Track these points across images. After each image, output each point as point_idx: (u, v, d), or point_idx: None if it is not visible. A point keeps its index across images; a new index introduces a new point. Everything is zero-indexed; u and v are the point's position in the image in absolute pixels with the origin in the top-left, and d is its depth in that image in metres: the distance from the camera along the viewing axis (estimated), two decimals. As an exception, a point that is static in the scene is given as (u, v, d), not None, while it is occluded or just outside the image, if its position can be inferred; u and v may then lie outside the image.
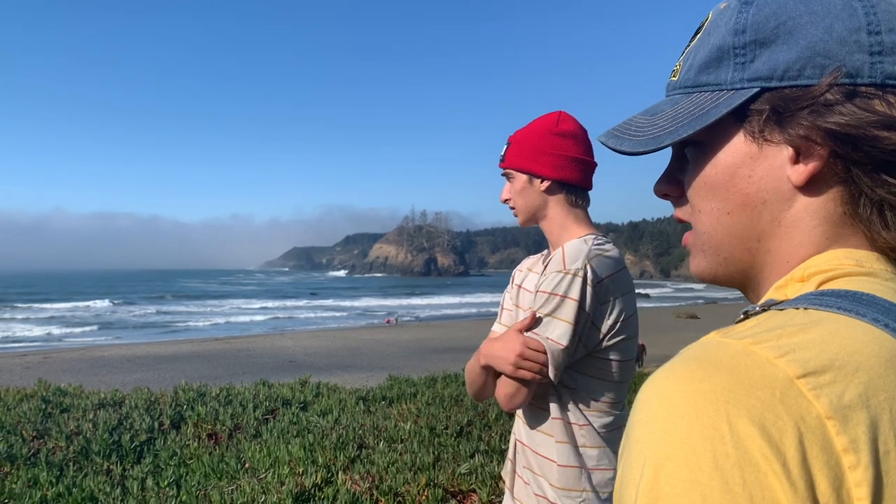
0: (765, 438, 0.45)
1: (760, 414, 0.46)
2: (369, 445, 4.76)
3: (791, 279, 0.61)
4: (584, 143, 1.89)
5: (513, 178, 1.92)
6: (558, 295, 1.70)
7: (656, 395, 0.50)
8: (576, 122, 1.89)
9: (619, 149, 0.69)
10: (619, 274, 1.77)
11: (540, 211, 1.90)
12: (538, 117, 1.93)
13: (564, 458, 1.74)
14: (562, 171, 1.85)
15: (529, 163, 1.87)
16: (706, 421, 0.46)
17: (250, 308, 54.91)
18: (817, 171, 0.60)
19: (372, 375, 13.23)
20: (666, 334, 20.93)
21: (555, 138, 1.86)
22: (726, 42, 0.63)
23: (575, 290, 1.69)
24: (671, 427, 0.47)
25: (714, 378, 0.48)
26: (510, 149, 1.92)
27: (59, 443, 4.85)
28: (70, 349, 22.21)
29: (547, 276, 1.75)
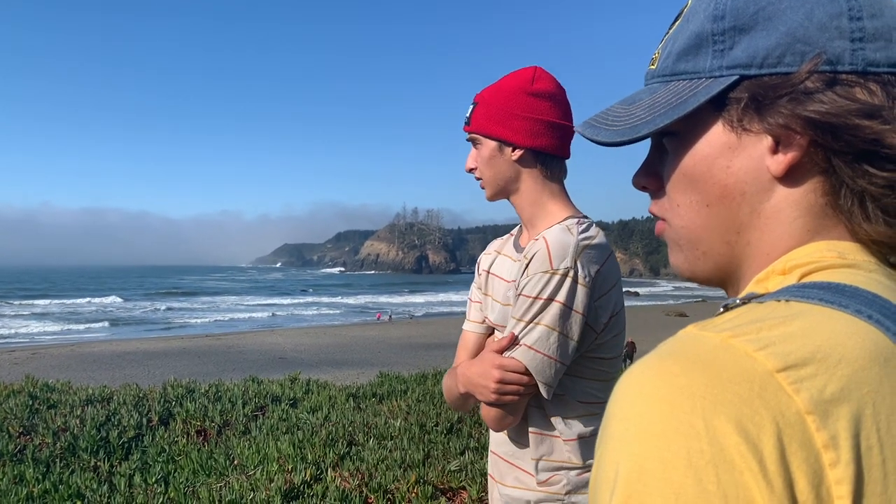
0: (741, 435, 0.44)
1: (737, 409, 0.44)
2: (359, 442, 4.74)
3: (772, 272, 0.59)
4: (563, 106, 1.64)
5: (480, 144, 1.66)
6: (543, 299, 1.50)
7: (632, 391, 0.48)
8: (553, 79, 1.64)
9: (596, 139, 0.67)
10: (608, 264, 1.58)
11: (511, 184, 1.66)
12: (510, 73, 1.67)
13: (544, 474, 1.59)
14: (537, 139, 1.60)
15: (499, 127, 1.61)
16: (681, 417, 0.45)
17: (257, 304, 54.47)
18: (797, 160, 0.58)
19: (363, 372, 13.22)
20: (655, 332, 21.00)
21: (529, 99, 1.60)
22: (705, 29, 0.61)
23: (563, 292, 1.50)
24: (646, 424, 0.46)
25: (690, 373, 0.47)
26: (477, 110, 1.65)
27: (45, 439, 4.81)
28: (60, 345, 22.09)
29: (530, 278, 1.53)
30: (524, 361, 1.51)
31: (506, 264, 1.74)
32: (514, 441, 1.65)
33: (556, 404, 1.57)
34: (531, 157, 1.63)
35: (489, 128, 1.62)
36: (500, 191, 1.68)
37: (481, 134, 1.64)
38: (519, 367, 1.51)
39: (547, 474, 1.58)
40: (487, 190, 1.69)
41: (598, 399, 1.60)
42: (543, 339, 1.50)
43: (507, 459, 1.66)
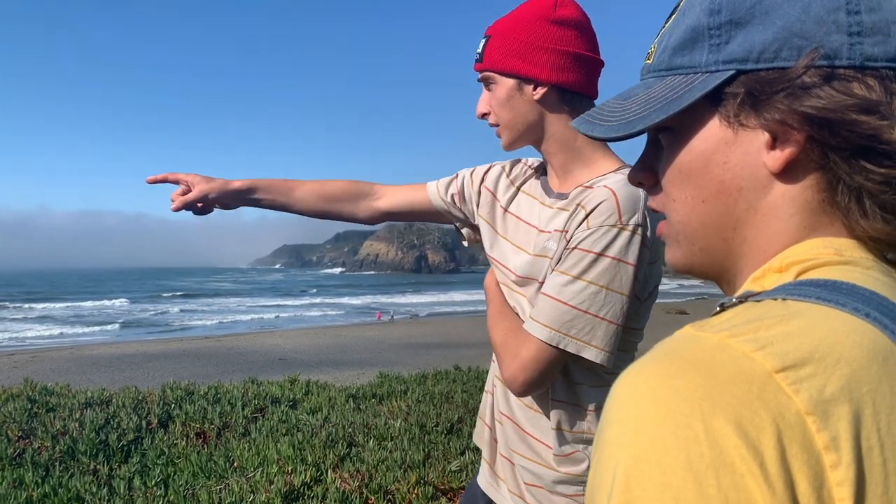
0: (741, 437, 0.43)
1: (737, 411, 0.43)
2: (359, 443, 4.74)
3: (768, 269, 0.59)
4: (590, 36, 1.44)
5: (494, 83, 1.45)
6: (610, 257, 1.33)
7: (628, 394, 0.47)
8: (579, 6, 1.44)
9: (591, 134, 0.66)
10: None
11: (534, 128, 1.45)
12: (526, 1, 1.46)
13: (564, 447, 1.47)
14: (563, 73, 1.40)
15: (518, 61, 1.40)
16: (679, 420, 0.44)
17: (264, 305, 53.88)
18: (794, 157, 0.58)
19: (363, 373, 13.21)
20: (656, 330, 20.96)
21: (552, 28, 1.40)
22: (701, 22, 0.61)
23: (633, 252, 1.33)
24: (643, 427, 0.45)
25: (687, 374, 0.46)
26: (490, 43, 1.44)
27: (44, 443, 4.79)
28: (59, 348, 22.07)
29: (593, 230, 1.34)
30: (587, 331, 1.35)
31: (534, 208, 1.54)
32: (531, 407, 1.50)
33: (584, 372, 1.45)
34: (556, 96, 1.43)
35: (506, 63, 1.41)
36: (521, 136, 1.48)
37: (496, 71, 1.44)
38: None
39: (569, 448, 1.46)
40: (505, 136, 1.48)
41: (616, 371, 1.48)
42: (610, 303, 1.35)
43: (522, 426, 1.52)
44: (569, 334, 1.36)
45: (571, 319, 1.35)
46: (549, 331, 1.37)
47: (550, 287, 1.39)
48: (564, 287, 1.36)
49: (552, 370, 1.40)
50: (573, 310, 1.35)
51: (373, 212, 1.81)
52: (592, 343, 1.36)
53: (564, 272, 1.37)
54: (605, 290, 1.34)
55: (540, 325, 1.38)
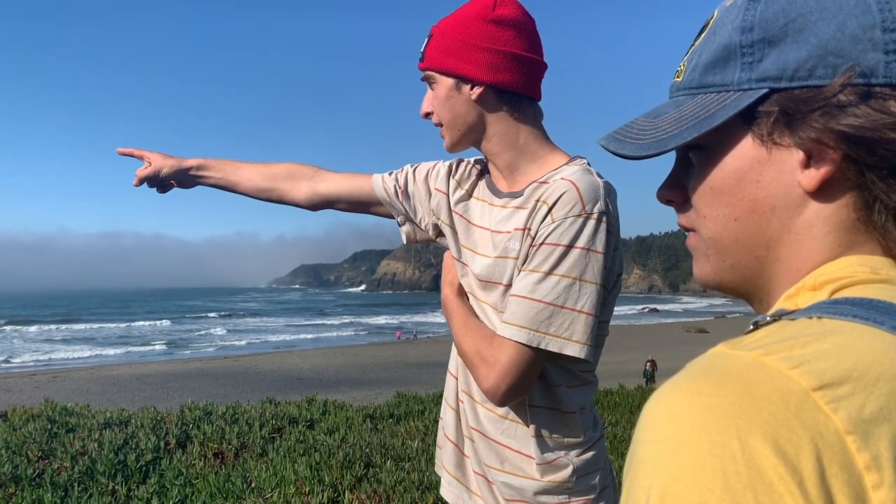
0: (779, 456, 0.42)
1: (774, 429, 0.42)
2: (376, 464, 4.71)
3: (802, 287, 0.58)
4: (530, 37, 1.42)
5: (435, 82, 1.45)
6: (580, 248, 1.31)
7: (661, 413, 0.46)
8: (520, 6, 1.43)
9: (621, 153, 0.65)
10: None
11: (474, 129, 1.44)
12: (470, 1, 1.45)
13: (547, 454, 1.41)
14: (498, 73, 1.39)
15: (455, 60, 1.40)
16: (715, 438, 0.43)
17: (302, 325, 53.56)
18: (830, 175, 0.57)
19: (380, 392, 13.19)
20: (676, 349, 20.82)
21: (489, 27, 1.39)
22: (733, 40, 0.61)
23: (601, 240, 1.31)
24: (678, 446, 0.44)
25: (722, 392, 0.45)
26: (431, 42, 1.44)
27: (64, 463, 4.81)
28: (80, 368, 22.24)
29: (558, 223, 1.32)
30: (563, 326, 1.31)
31: (484, 210, 1.51)
32: (505, 417, 1.45)
33: (561, 373, 1.41)
34: (494, 96, 1.41)
35: (444, 61, 1.41)
36: (462, 137, 1.46)
37: (436, 70, 1.43)
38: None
39: (551, 454, 1.41)
40: (447, 137, 1.47)
41: (590, 368, 1.45)
42: (585, 295, 1.31)
43: (495, 440, 1.46)
44: (548, 333, 1.31)
45: (549, 317, 1.31)
46: (526, 332, 1.32)
47: (521, 287, 1.35)
48: (537, 285, 1.32)
49: (534, 373, 1.36)
50: (549, 306, 1.31)
51: (312, 194, 1.77)
52: (573, 338, 1.31)
53: (534, 269, 1.33)
54: (578, 282, 1.31)
55: (516, 328, 1.33)
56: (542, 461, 1.42)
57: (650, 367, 15.45)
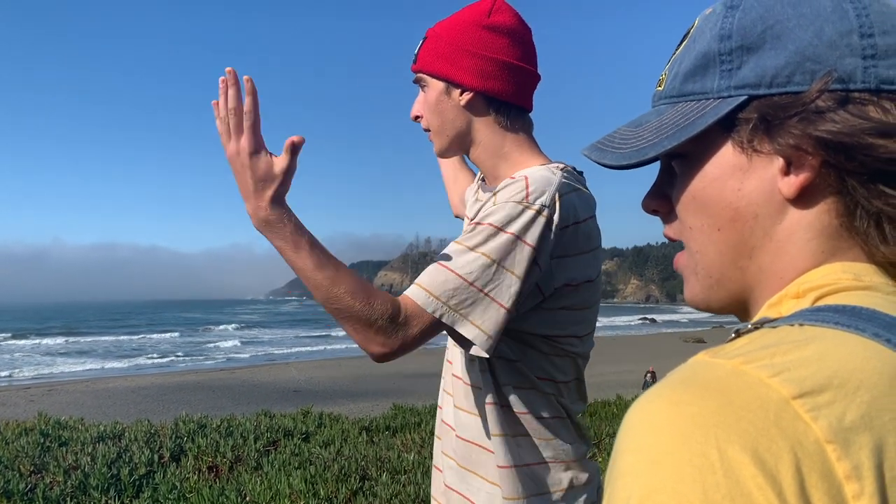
0: (758, 466, 0.41)
1: (753, 439, 0.42)
2: (372, 477, 4.68)
3: (785, 296, 0.57)
4: (524, 47, 1.41)
5: (426, 85, 1.43)
6: (508, 233, 1.24)
7: (641, 422, 0.46)
8: (516, 14, 1.41)
9: (602, 162, 0.65)
10: (591, 221, 1.36)
11: (462, 135, 1.42)
12: (468, 5, 1.44)
13: (504, 455, 1.36)
14: (488, 80, 1.37)
15: (446, 65, 1.38)
16: (694, 448, 0.42)
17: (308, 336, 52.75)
18: (809, 182, 0.57)
19: (377, 404, 13.13)
20: (674, 359, 20.77)
21: (483, 33, 1.37)
22: (712, 48, 0.61)
23: (534, 232, 1.25)
24: (658, 456, 0.43)
25: (702, 401, 0.44)
26: (425, 45, 1.43)
27: (56, 477, 4.77)
28: (76, 381, 22.15)
29: (497, 206, 1.28)
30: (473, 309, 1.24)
31: (475, 208, 1.48)
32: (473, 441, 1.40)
33: (507, 372, 1.36)
34: (482, 103, 1.39)
35: (435, 65, 1.40)
36: (451, 143, 1.44)
37: (427, 73, 1.42)
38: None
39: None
40: (436, 142, 1.45)
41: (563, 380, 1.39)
42: (504, 283, 1.24)
43: (463, 465, 1.43)
44: (448, 303, 1.24)
45: (454, 288, 1.25)
46: (427, 295, 1.25)
47: (442, 255, 1.30)
48: (456, 256, 1.27)
49: (419, 340, 1.26)
50: (458, 279, 1.25)
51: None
52: (470, 318, 1.24)
53: (460, 242, 1.29)
54: (496, 265, 1.24)
55: (419, 288, 1.26)
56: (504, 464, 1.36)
57: (650, 379, 15.32)
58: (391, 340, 1.24)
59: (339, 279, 1.25)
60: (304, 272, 1.26)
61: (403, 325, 1.24)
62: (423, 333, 1.26)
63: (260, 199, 1.25)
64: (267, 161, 1.24)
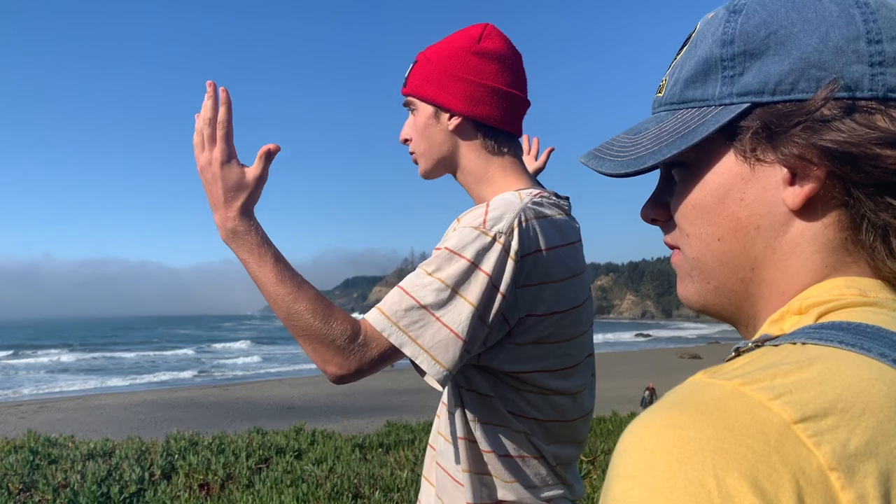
0: (757, 495, 0.39)
1: (752, 465, 0.40)
2: (364, 495, 4.63)
3: (787, 311, 0.55)
4: (514, 72, 1.42)
5: (415, 109, 1.44)
6: (466, 259, 1.22)
7: (635, 446, 0.44)
8: (506, 40, 1.42)
9: (600, 170, 0.64)
10: (565, 249, 1.31)
11: (449, 159, 1.43)
12: (458, 31, 1.46)
13: (472, 493, 1.32)
14: (477, 106, 1.37)
15: (435, 89, 1.39)
16: (690, 475, 0.40)
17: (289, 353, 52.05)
18: (814, 193, 0.54)
19: (371, 421, 13.06)
20: (670, 376, 20.78)
21: (473, 59, 1.38)
22: (713, 54, 0.59)
23: (490, 261, 1.22)
24: (651, 482, 0.41)
25: (699, 425, 0.42)
26: (415, 69, 1.44)
27: (45, 496, 4.71)
28: (68, 398, 21.98)
29: (457, 230, 1.28)
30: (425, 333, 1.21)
31: None
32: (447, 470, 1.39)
33: (477, 406, 1.33)
34: (470, 128, 1.40)
35: (424, 90, 1.41)
36: (437, 165, 1.44)
37: (417, 97, 1.43)
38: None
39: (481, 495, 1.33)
40: (421, 164, 1.45)
41: (542, 431, 1.34)
42: (456, 310, 1.21)
43: (439, 494, 1.41)
44: (398, 324, 1.22)
45: (406, 309, 1.22)
46: (383, 317, 1.23)
47: (403, 280, 1.28)
48: (413, 279, 1.26)
49: (377, 363, 1.25)
50: (411, 300, 1.23)
51: None
52: (419, 341, 1.21)
53: (421, 267, 1.27)
54: (450, 291, 1.22)
55: (377, 311, 1.25)
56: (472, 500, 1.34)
57: (649, 395, 15.13)
58: (348, 362, 1.22)
59: (301, 296, 1.24)
60: (266, 286, 1.26)
61: (362, 347, 1.22)
62: (382, 357, 1.24)
63: (229, 208, 1.27)
64: (238, 171, 1.26)
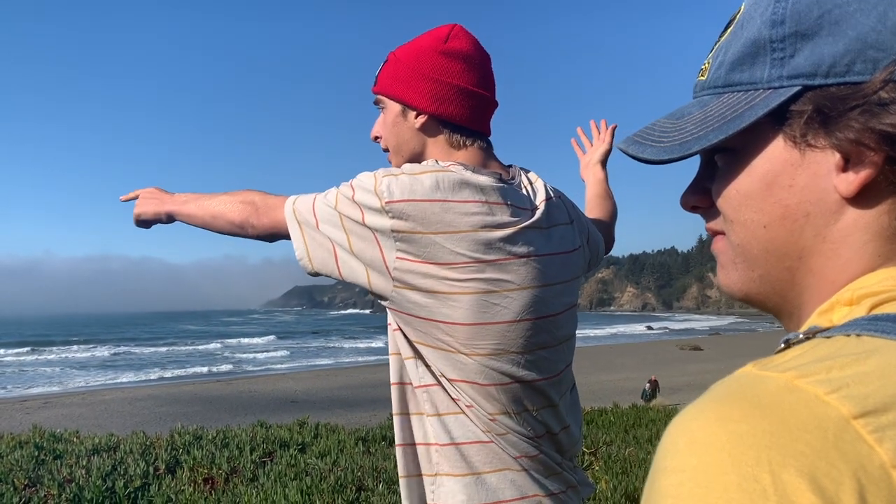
0: (817, 493, 0.37)
1: (811, 462, 0.38)
2: (368, 488, 4.66)
3: (837, 302, 0.53)
4: (480, 72, 1.45)
5: (384, 107, 1.49)
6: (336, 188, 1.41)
7: (684, 440, 0.42)
8: (473, 41, 1.45)
9: (642, 156, 0.61)
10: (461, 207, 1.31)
11: (416, 154, 1.46)
12: (428, 31, 1.50)
13: (404, 464, 1.41)
14: (443, 105, 1.41)
15: (403, 88, 1.43)
16: (745, 471, 0.39)
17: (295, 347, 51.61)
18: (870, 179, 0.52)
19: (375, 414, 13.09)
20: (671, 366, 20.77)
21: (439, 58, 1.42)
22: (762, 35, 0.56)
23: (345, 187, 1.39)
24: (703, 478, 0.40)
25: (752, 419, 0.41)
26: (385, 67, 1.49)
27: (51, 490, 4.74)
28: (72, 394, 22.03)
29: None
30: None
31: None
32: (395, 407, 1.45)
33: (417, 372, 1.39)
34: (436, 126, 1.43)
35: (392, 88, 1.45)
36: (406, 161, 1.48)
37: (385, 95, 1.47)
38: None
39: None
40: (393, 161, 1.50)
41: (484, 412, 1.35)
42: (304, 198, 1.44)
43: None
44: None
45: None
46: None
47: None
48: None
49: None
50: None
51: None
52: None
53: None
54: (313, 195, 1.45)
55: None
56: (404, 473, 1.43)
57: (650, 388, 15.08)
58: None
59: (218, 217, 1.58)
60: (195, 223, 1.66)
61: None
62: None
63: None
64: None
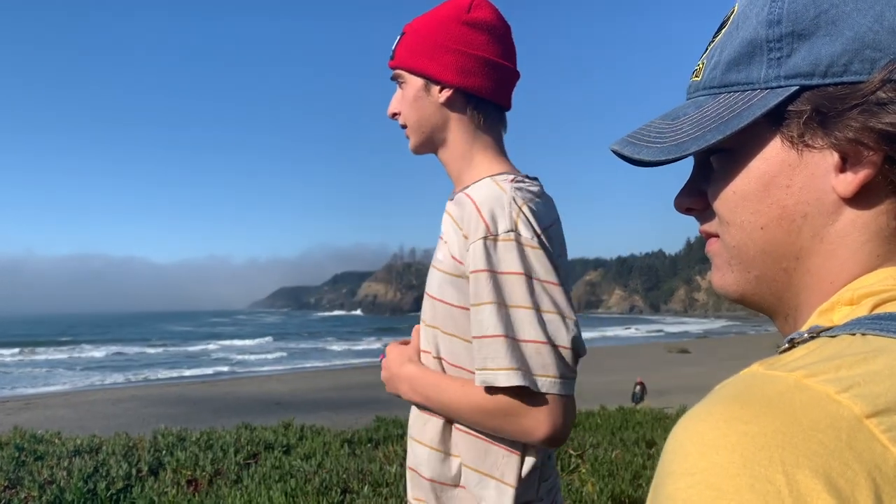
0: (832, 493, 0.37)
1: (825, 462, 0.38)
2: (353, 490, 4.63)
3: (838, 302, 0.53)
4: (504, 43, 1.40)
5: (404, 82, 1.42)
6: (493, 272, 1.24)
7: (692, 442, 0.41)
8: (496, 11, 1.40)
9: (637, 157, 0.61)
10: (553, 229, 1.32)
11: (438, 132, 1.40)
12: (445, 1, 1.43)
13: (435, 469, 1.36)
14: (469, 77, 1.35)
15: (426, 61, 1.37)
16: (757, 472, 0.38)
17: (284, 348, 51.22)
18: (868, 179, 0.52)
19: (361, 416, 13.05)
20: (659, 369, 20.92)
21: (463, 29, 1.36)
22: (759, 35, 0.56)
23: (512, 259, 1.24)
24: (713, 480, 0.39)
25: (763, 419, 0.40)
26: (403, 40, 1.42)
27: (31, 492, 4.68)
28: (55, 395, 21.83)
29: (471, 249, 1.27)
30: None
31: (443, 250, 1.40)
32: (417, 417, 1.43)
33: None
34: (461, 100, 1.38)
35: (414, 61, 1.38)
36: (427, 140, 1.42)
37: (406, 69, 1.40)
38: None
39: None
40: (412, 139, 1.43)
41: None
42: (524, 322, 1.22)
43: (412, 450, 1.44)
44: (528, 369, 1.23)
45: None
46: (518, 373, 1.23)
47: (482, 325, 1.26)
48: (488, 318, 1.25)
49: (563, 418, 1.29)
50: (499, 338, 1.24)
51: None
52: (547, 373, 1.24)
53: (479, 303, 1.27)
54: (509, 310, 1.24)
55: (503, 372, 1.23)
56: None
57: (639, 390, 15.18)
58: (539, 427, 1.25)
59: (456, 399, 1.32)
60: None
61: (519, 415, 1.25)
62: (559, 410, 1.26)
63: None
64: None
